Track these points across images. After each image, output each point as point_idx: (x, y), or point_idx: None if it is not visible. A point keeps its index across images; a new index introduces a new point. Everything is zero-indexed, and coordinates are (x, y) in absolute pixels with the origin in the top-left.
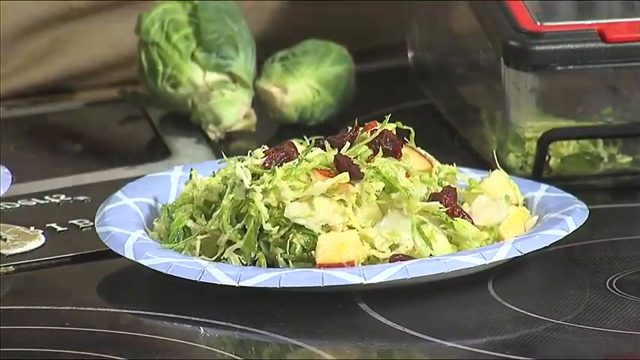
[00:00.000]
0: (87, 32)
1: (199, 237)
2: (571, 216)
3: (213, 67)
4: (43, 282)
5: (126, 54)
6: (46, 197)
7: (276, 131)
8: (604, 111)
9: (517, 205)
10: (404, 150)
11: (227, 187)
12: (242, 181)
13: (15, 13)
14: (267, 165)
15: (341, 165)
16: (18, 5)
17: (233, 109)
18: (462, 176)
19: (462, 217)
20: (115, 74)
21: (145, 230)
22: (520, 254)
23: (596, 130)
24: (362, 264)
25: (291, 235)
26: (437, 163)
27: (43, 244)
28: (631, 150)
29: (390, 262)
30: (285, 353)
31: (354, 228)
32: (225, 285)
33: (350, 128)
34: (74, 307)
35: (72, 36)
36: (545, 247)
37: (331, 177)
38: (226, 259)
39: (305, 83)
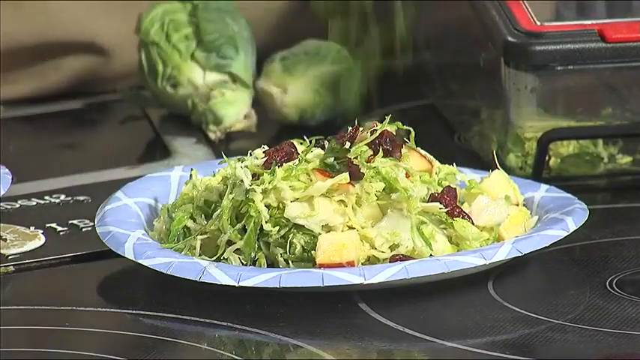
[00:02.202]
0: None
1: (199, 237)
2: (571, 216)
3: (213, 67)
4: (43, 282)
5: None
6: (46, 197)
7: (276, 131)
8: (604, 111)
9: (517, 205)
10: (404, 150)
11: (227, 187)
12: (242, 181)
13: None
14: (267, 165)
15: None
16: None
17: (233, 109)
18: (462, 176)
19: (462, 218)
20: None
21: (145, 230)
22: (520, 254)
23: (596, 130)
24: (362, 264)
25: (291, 235)
26: (437, 163)
27: (43, 244)
28: (631, 150)
29: (390, 262)
30: (285, 353)
31: (354, 228)
32: (225, 285)
33: (350, 128)
34: (74, 307)
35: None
36: (545, 247)
37: (331, 177)
38: (226, 259)
39: (305, 83)
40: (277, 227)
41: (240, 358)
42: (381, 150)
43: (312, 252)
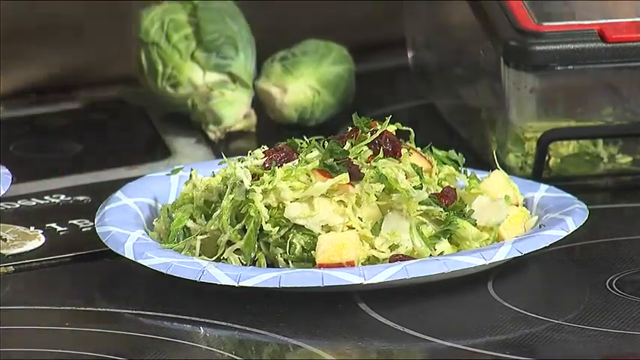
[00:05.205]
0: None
1: (199, 237)
2: (571, 216)
3: (213, 67)
4: (43, 282)
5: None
6: (46, 197)
7: (276, 131)
8: (604, 111)
9: (517, 205)
10: (403, 151)
11: (227, 188)
12: (242, 181)
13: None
14: (267, 165)
15: None
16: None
17: (233, 109)
18: (462, 176)
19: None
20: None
21: (145, 230)
22: (520, 254)
23: (596, 130)
24: (362, 264)
25: (291, 235)
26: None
27: (43, 244)
28: (631, 150)
29: (389, 262)
30: (285, 353)
31: (354, 228)
32: (225, 285)
33: (350, 128)
34: (74, 307)
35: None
36: (545, 247)
37: (331, 177)
38: (226, 259)
39: (305, 83)
40: (277, 227)
41: (240, 358)
42: (381, 150)
43: (312, 252)
